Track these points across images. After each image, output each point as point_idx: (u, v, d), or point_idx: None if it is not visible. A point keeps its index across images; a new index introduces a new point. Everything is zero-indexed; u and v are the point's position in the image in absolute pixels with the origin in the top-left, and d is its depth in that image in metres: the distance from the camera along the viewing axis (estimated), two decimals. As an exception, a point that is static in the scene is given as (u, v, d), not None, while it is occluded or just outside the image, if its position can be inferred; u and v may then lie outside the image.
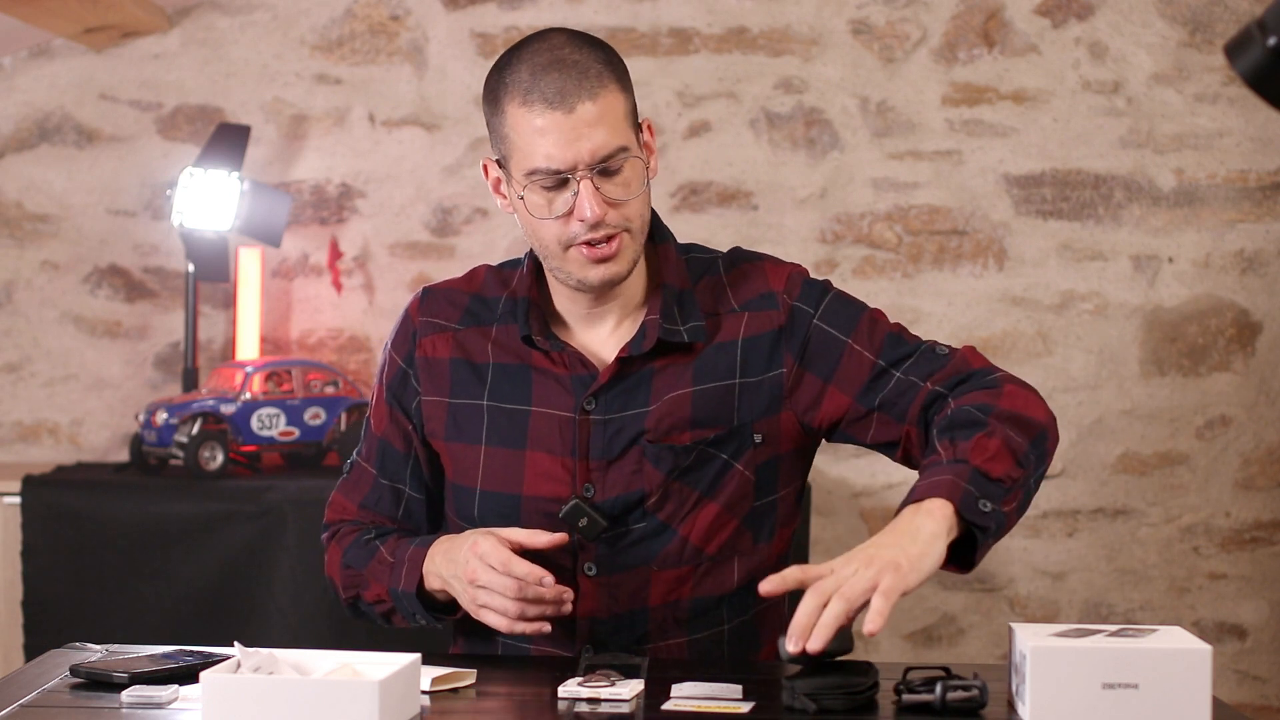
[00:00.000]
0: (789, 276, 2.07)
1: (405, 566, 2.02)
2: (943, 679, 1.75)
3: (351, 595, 2.10)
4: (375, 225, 3.70)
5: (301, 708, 1.59)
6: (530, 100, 1.92)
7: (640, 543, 2.02)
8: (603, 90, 1.93)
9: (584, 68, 1.93)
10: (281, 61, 3.70)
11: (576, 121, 1.91)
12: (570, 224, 1.94)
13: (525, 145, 1.93)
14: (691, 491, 2.03)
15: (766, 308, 2.05)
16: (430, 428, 2.09)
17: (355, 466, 2.17)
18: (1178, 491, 3.67)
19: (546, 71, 1.92)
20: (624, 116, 1.95)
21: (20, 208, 3.71)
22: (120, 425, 3.71)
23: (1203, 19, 3.64)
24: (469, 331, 2.09)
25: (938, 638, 3.68)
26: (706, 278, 2.08)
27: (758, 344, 2.04)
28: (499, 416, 2.05)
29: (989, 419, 1.91)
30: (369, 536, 2.10)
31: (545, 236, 1.97)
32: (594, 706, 1.76)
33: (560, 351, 2.03)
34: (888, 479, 3.63)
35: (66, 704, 1.79)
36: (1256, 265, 3.66)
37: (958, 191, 3.66)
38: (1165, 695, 1.66)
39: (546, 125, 1.91)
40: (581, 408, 2.02)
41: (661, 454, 2.01)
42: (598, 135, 1.92)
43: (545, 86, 1.92)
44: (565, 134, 1.91)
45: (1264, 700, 3.68)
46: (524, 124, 1.93)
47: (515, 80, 1.94)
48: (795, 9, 3.66)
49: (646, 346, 2.01)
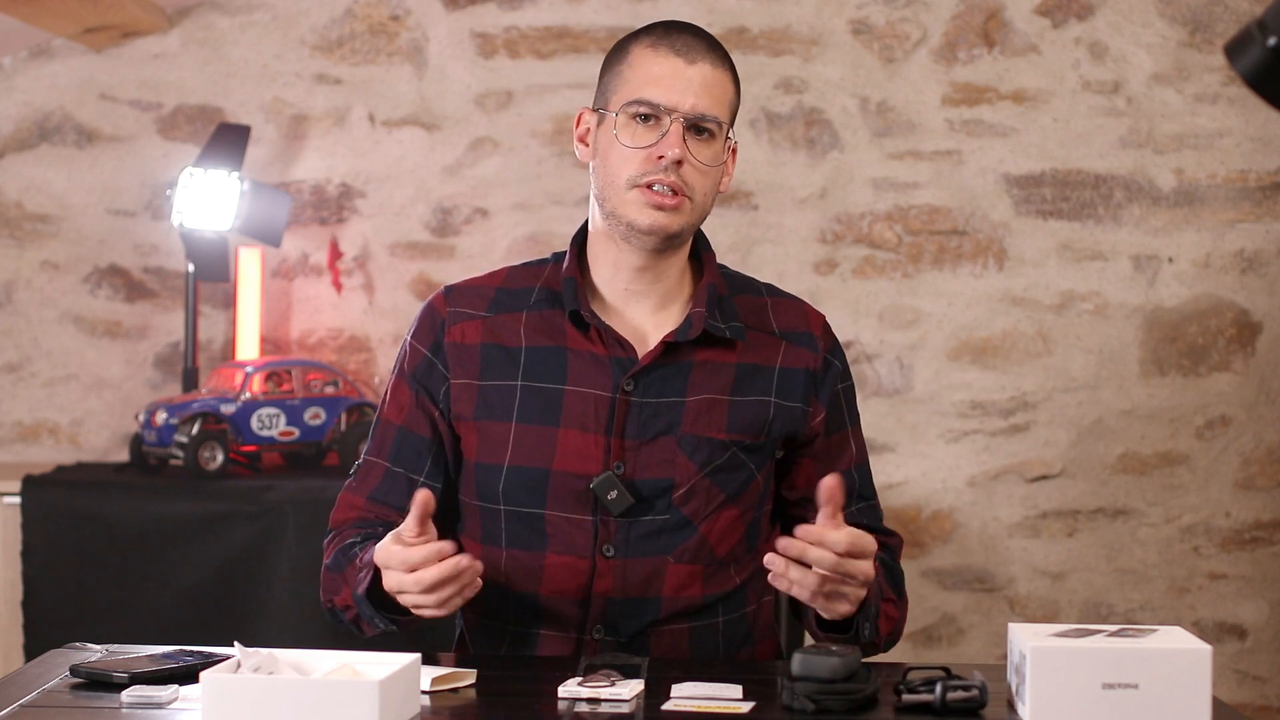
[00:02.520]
0: (824, 325, 2.18)
1: (366, 570, 1.99)
2: (943, 679, 1.76)
3: (329, 602, 2.09)
4: (375, 225, 3.70)
5: (301, 708, 1.59)
6: (658, 45, 2.06)
7: (661, 533, 2.06)
8: (723, 68, 2.08)
9: (714, 45, 2.09)
10: (281, 61, 3.70)
11: (693, 73, 2.04)
12: (647, 160, 2.03)
13: (637, 78, 2.05)
14: (718, 493, 2.07)
15: (804, 345, 2.14)
16: (458, 410, 2.10)
17: (362, 465, 2.16)
18: (1178, 491, 3.67)
19: (681, 32, 2.08)
20: (729, 103, 2.08)
21: (20, 208, 3.71)
22: (120, 425, 3.71)
23: (1203, 19, 3.64)
24: (500, 318, 2.12)
25: (938, 638, 3.68)
26: (748, 295, 2.17)
27: (793, 376, 2.12)
28: (532, 395, 2.07)
29: (901, 599, 2.11)
30: (353, 541, 2.08)
31: (617, 170, 2.05)
32: (594, 706, 1.76)
33: (603, 330, 2.07)
34: (887, 479, 3.63)
35: (66, 704, 1.79)
36: (1256, 265, 3.65)
37: (958, 191, 3.66)
38: (1165, 695, 1.66)
39: (666, 67, 2.04)
40: (621, 388, 2.05)
41: (699, 446, 2.06)
42: (705, 97, 2.04)
43: (676, 40, 2.06)
44: (679, 79, 2.03)
45: (1264, 700, 3.68)
46: (644, 62, 2.05)
47: (648, 32, 2.08)
48: (795, 9, 3.66)
49: (693, 334, 2.07)
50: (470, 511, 2.12)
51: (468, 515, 2.13)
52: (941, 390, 3.67)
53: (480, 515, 2.11)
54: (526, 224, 3.68)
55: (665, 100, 2.02)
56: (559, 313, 2.10)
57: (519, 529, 2.08)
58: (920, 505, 3.66)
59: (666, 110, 2.02)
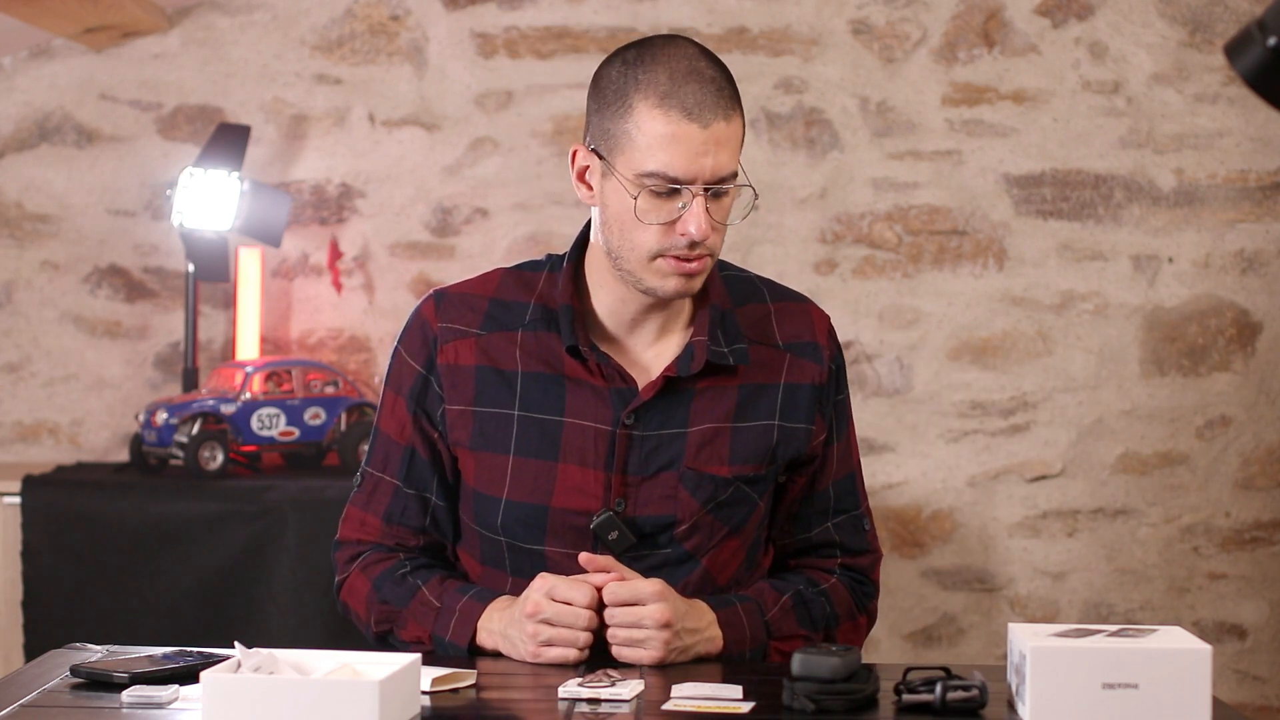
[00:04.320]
0: (829, 332, 2.14)
1: (456, 618, 2.00)
2: (943, 679, 1.75)
3: (384, 630, 2.08)
4: (375, 225, 3.70)
5: (301, 708, 1.59)
6: (668, 105, 1.92)
7: (663, 568, 2.04)
8: (734, 113, 1.95)
9: (720, 85, 1.94)
10: (281, 61, 3.70)
11: (708, 137, 1.92)
12: (670, 235, 1.94)
13: (649, 146, 1.92)
14: (721, 527, 2.06)
15: (809, 357, 2.10)
16: (455, 436, 2.07)
17: (368, 477, 2.13)
18: (1178, 491, 3.67)
19: (687, 81, 1.93)
20: (740, 144, 1.97)
21: (20, 208, 3.71)
22: (120, 425, 3.71)
23: (1203, 19, 3.64)
24: (494, 337, 2.06)
25: (938, 638, 3.68)
26: (752, 304, 2.11)
27: (798, 392, 2.08)
28: (530, 426, 2.03)
29: (818, 632, 2.09)
30: (404, 570, 2.07)
31: (638, 240, 1.96)
32: (594, 707, 1.76)
33: (604, 364, 2.02)
34: (887, 479, 3.63)
35: (67, 704, 1.79)
36: (1256, 265, 3.66)
37: (958, 191, 3.66)
38: (1165, 695, 1.66)
39: (679, 134, 1.91)
40: (622, 422, 2.01)
41: (701, 482, 2.03)
42: (723, 155, 1.93)
43: (685, 95, 1.92)
44: (696, 147, 1.91)
45: (1264, 700, 3.68)
46: (654, 126, 1.92)
47: (652, 81, 1.93)
48: (795, 9, 3.66)
49: (695, 368, 2.02)
50: (470, 534, 2.11)
51: (468, 536, 2.12)
52: (941, 390, 3.67)
53: (480, 540, 2.09)
54: (526, 224, 3.68)
55: (684, 174, 1.92)
56: (555, 336, 2.04)
57: (520, 561, 2.06)
58: (920, 505, 3.66)
59: (685, 183, 1.92)
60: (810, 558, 2.17)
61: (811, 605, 2.09)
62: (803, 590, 2.09)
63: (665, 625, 1.92)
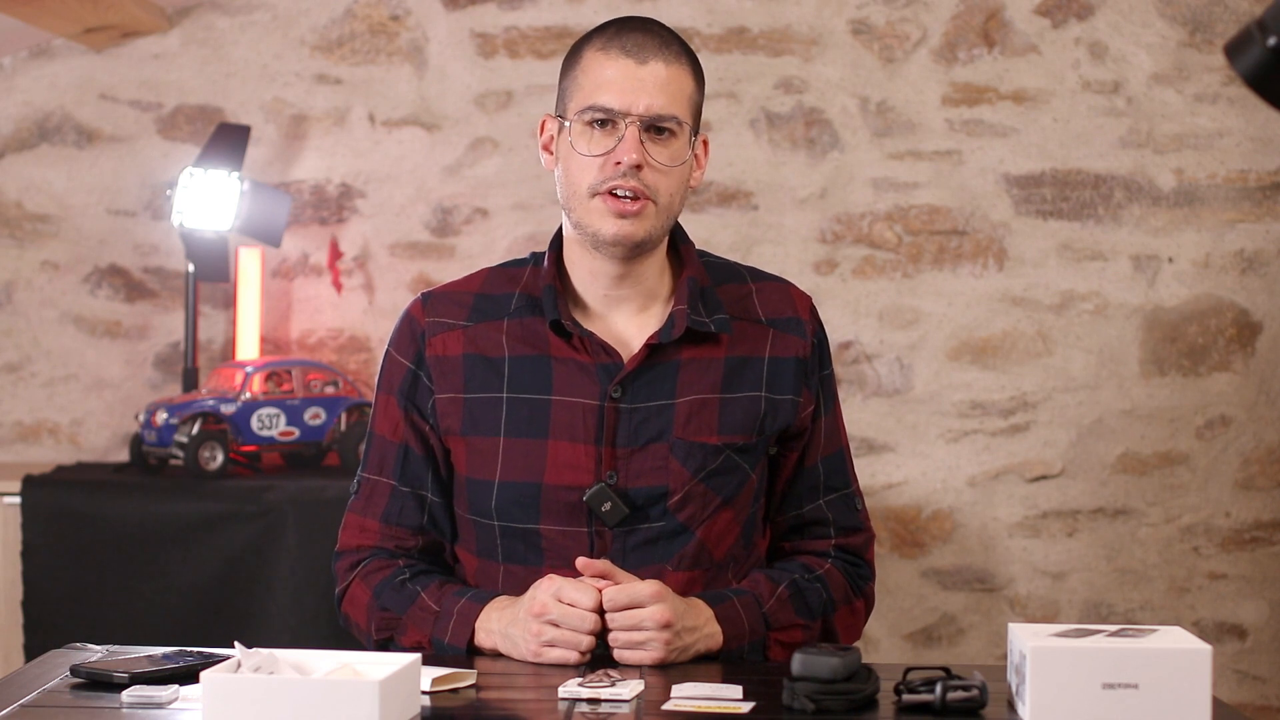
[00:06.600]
0: (810, 308, 2.16)
1: (454, 620, 2.02)
2: (943, 679, 1.76)
3: (385, 637, 2.09)
4: (375, 225, 3.71)
5: (301, 708, 1.59)
6: (608, 48, 2.03)
7: (657, 541, 2.05)
8: (677, 64, 2.04)
9: (668, 40, 2.05)
10: (281, 61, 3.70)
11: (645, 74, 2.01)
12: (605, 167, 2.00)
13: (590, 84, 2.02)
14: (714, 497, 2.07)
15: (792, 331, 2.12)
16: (446, 424, 2.09)
17: (364, 483, 2.14)
18: (1178, 491, 3.67)
19: (631, 30, 2.04)
20: (688, 100, 2.04)
21: (20, 208, 3.71)
22: (120, 425, 3.71)
23: (1203, 19, 3.64)
24: (480, 327, 2.09)
25: (938, 638, 3.68)
26: (733, 284, 2.13)
27: (783, 366, 2.11)
28: (519, 407, 2.05)
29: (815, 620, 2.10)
30: (403, 578, 2.08)
31: (577, 179, 2.02)
32: (594, 707, 1.76)
33: (586, 338, 2.04)
34: (887, 479, 3.63)
35: (67, 704, 1.79)
36: (1256, 265, 3.66)
37: (958, 191, 3.66)
38: (1165, 695, 1.66)
39: (616, 70, 2.01)
40: (609, 395, 2.04)
41: (691, 451, 2.05)
42: (659, 95, 2.01)
43: (626, 40, 2.03)
44: (631, 81, 2.00)
45: (1264, 700, 3.68)
46: (596, 66, 2.02)
47: (599, 34, 2.05)
48: (795, 9, 3.66)
49: (676, 334, 2.05)
50: (465, 525, 2.11)
51: (463, 529, 2.12)
52: (941, 390, 3.67)
53: (475, 529, 2.10)
54: (526, 224, 3.68)
55: (618, 104, 2.00)
56: (540, 320, 2.07)
57: (515, 544, 2.07)
58: (920, 505, 3.66)
59: (620, 114, 2.00)
60: (805, 539, 2.18)
61: (808, 593, 2.10)
62: (798, 579, 2.10)
63: (665, 626, 1.93)
